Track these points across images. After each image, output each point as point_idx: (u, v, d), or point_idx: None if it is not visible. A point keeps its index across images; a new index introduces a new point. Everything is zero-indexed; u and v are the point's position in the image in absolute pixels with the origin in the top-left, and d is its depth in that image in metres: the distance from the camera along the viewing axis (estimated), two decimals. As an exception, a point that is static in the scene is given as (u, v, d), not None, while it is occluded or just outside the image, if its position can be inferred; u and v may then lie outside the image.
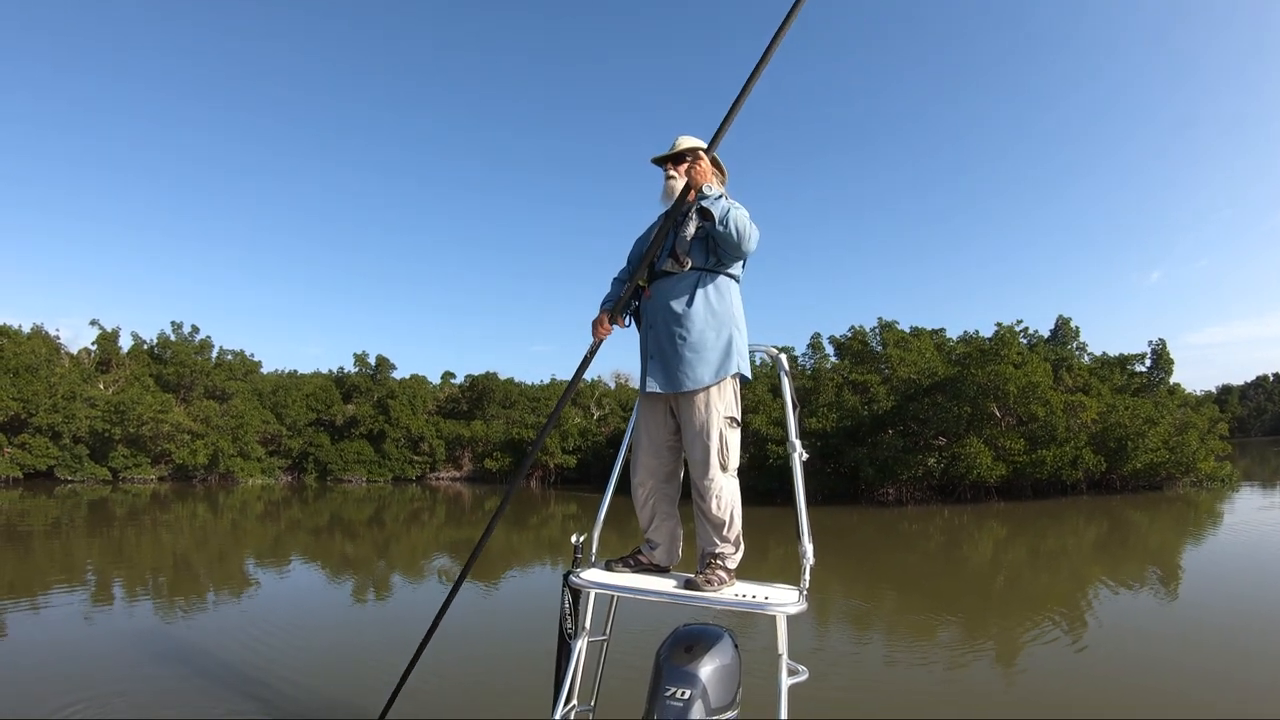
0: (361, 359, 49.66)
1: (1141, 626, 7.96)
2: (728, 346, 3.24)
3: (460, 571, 3.90)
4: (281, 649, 7.13)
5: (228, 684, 5.91)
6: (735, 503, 3.24)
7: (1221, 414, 37.45)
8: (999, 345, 26.28)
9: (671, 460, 3.42)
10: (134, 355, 44.07)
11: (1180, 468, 25.35)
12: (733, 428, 3.24)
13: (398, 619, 8.88)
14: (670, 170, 3.44)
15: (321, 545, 16.44)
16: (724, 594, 2.97)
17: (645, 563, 3.43)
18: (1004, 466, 24.05)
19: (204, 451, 38.34)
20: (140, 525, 19.42)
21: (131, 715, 5.21)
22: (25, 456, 35.80)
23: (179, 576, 11.68)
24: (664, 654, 2.84)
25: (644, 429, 3.42)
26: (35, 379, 36.85)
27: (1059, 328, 33.48)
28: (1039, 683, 6.11)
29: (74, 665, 6.45)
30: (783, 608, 2.76)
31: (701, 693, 2.65)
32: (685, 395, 3.22)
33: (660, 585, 3.13)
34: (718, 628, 2.98)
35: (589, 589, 3.12)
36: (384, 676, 5.83)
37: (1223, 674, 6.17)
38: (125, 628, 8.04)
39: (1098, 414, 25.41)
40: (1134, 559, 12.88)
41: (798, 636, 7.58)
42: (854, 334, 32.73)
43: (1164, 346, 32.19)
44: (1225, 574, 10.95)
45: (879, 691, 6.08)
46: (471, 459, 47.20)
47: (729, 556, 3.21)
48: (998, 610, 9.34)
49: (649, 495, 3.42)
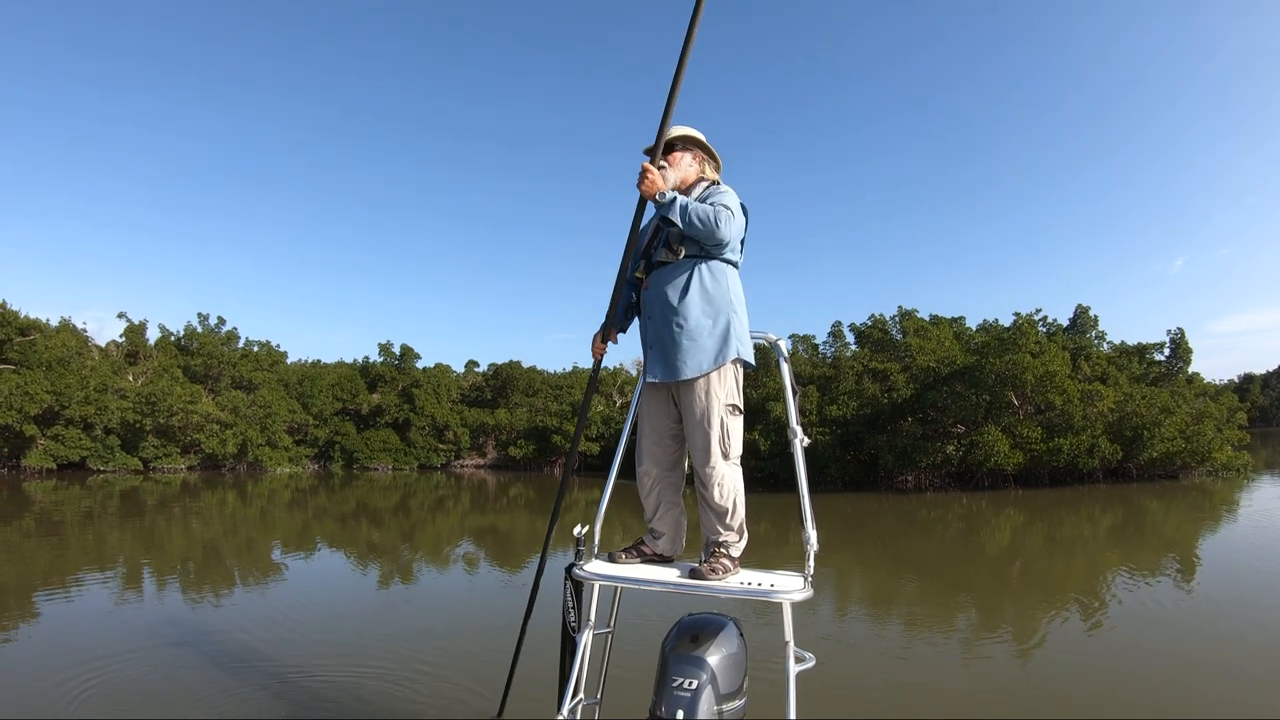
0: (386, 348, 50.29)
1: (1156, 614, 8.00)
2: (725, 332, 3.22)
3: (538, 565, 3.98)
4: (304, 638, 7.25)
5: (250, 676, 5.92)
6: (738, 490, 3.24)
7: (1241, 403, 37.32)
8: (1017, 335, 26.47)
9: (675, 449, 3.42)
10: (161, 347, 44.85)
11: (1196, 457, 25.46)
12: (734, 415, 3.23)
13: (422, 606, 9.02)
14: (660, 160, 3.38)
15: (348, 532, 16.78)
16: (729, 583, 2.97)
17: (649, 553, 3.43)
18: (1021, 455, 24.28)
19: (233, 441, 39.12)
20: (170, 514, 19.91)
21: (148, 708, 5.24)
22: (58, 448, 36.64)
23: (208, 564, 11.95)
24: (670, 644, 2.84)
25: (647, 418, 3.43)
26: (67, 372, 37.65)
27: (1078, 316, 33.45)
28: (1053, 670, 6.14)
29: (96, 652, 6.52)
30: (788, 595, 2.77)
31: (708, 682, 2.65)
32: (685, 383, 3.21)
33: (664, 575, 3.12)
34: (723, 617, 2.97)
35: (592, 581, 3.11)
36: (408, 667, 6.05)
37: (1234, 665, 6.17)
38: (154, 615, 8.17)
39: (1114, 403, 25.53)
40: (1149, 547, 13.04)
41: (815, 622, 7.94)
42: (874, 322, 32.96)
43: (1182, 336, 32.10)
44: (1239, 563, 11.03)
45: (893, 679, 6.09)
46: (495, 446, 47.82)
47: (733, 545, 3.22)
48: (1014, 596, 9.46)
49: (654, 484, 3.43)
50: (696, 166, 3.50)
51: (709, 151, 3.55)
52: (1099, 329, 32.89)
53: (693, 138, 3.50)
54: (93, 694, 5.51)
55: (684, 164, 3.46)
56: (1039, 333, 28.58)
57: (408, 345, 50.02)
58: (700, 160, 3.53)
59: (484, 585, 10.67)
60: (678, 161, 3.44)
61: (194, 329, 45.58)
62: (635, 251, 3.50)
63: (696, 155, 3.51)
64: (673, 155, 3.44)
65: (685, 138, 3.48)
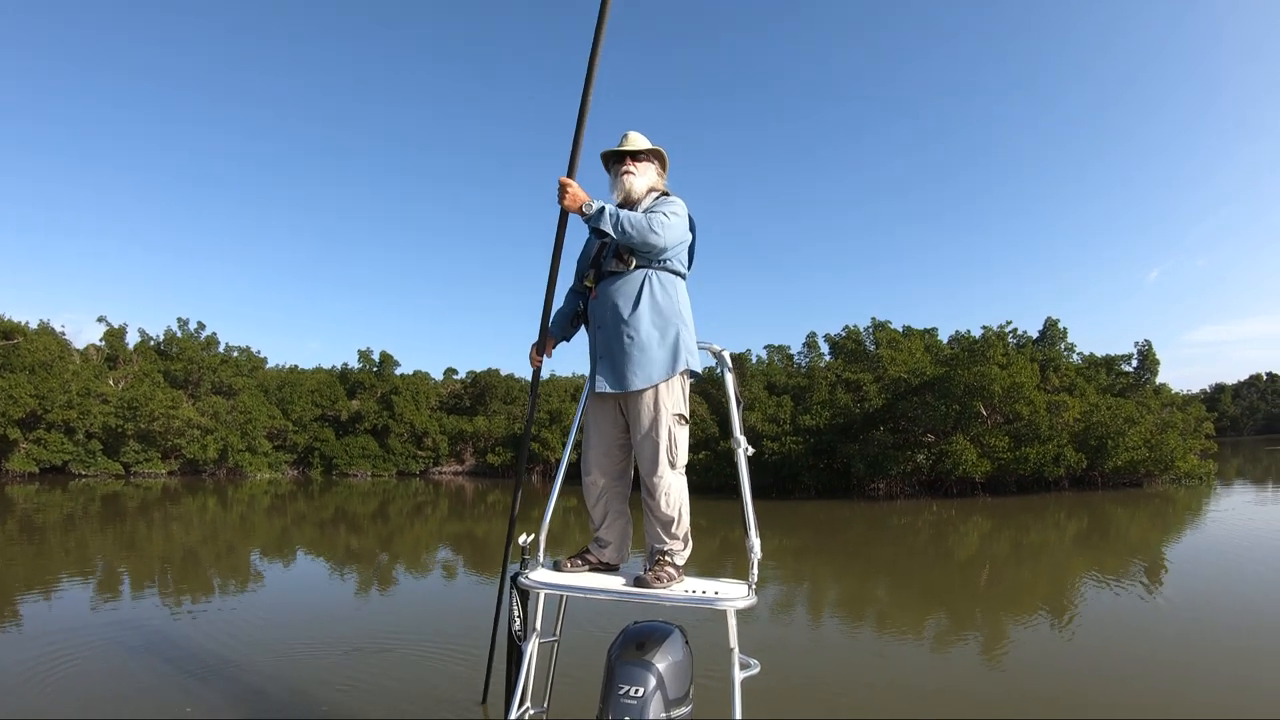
0: (365, 355, 50.58)
1: (1119, 616, 8.13)
2: (675, 344, 3.24)
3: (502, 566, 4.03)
4: (281, 639, 7.26)
5: (221, 679, 5.79)
6: (683, 500, 3.28)
7: (1209, 413, 38.18)
8: (985, 347, 27.13)
9: (622, 458, 3.44)
10: (141, 351, 44.83)
11: (1159, 465, 26.11)
12: (681, 425, 3.26)
13: (397, 612, 8.99)
14: (629, 165, 3.47)
15: (326, 539, 16.80)
16: (673, 590, 3.00)
17: (595, 561, 3.43)
18: (989, 463, 24.87)
19: (214, 446, 39.26)
20: (150, 519, 19.91)
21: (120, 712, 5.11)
22: (41, 452, 36.71)
23: (187, 569, 11.91)
24: (615, 652, 2.84)
25: (594, 427, 3.44)
26: (50, 376, 37.66)
27: (1047, 329, 34.22)
28: (1020, 670, 6.25)
29: (73, 659, 6.32)
30: (732, 602, 2.81)
31: (654, 690, 2.67)
32: (634, 393, 3.21)
33: (610, 583, 3.14)
34: (668, 625, 2.99)
35: (537, 589, 3.11)
36: (379, 670, 5.98)
37: (1190, 663, 6.29)
38: (129, 620, 8.00)
39: (1080, 413, 26.19)
40: (1113, 552, 13.31)
41: (776, 628, 8.14)
42: (848, 333, 33.68)
43: (1150, 347, 32.91)
44: (1202, 566, 11.30)
45: (865, 679, 6.11)
46: (474, 454, 48.16)
47: (678, 553, 3.25)
48: (982, 600, 9.66)
49: (601, 493, 3.45)
50: (656, 177, 3.56)
51: (660, 157, 3.61)
52: (1068, 341, 33.68)
53: (657, 150, 3.57)
54: (49, 688, 5.51)
55: (649, 173, 3.51)
56: (1008, 345, 29.26)
57: (387, 352, 50.47)
58: (658, 171, 3.58)
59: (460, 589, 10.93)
60: (644, 170, 3.50)
61: (174, 334, 45.57)
62: (584, 259, 3.58)
63: (655, 166, 3.57)
64: (639, 163, 3.49)
65: (651, 150, 3.54)
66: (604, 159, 3.59)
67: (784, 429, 28.70)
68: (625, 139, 3.52)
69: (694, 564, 3.29)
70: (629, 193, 3.45)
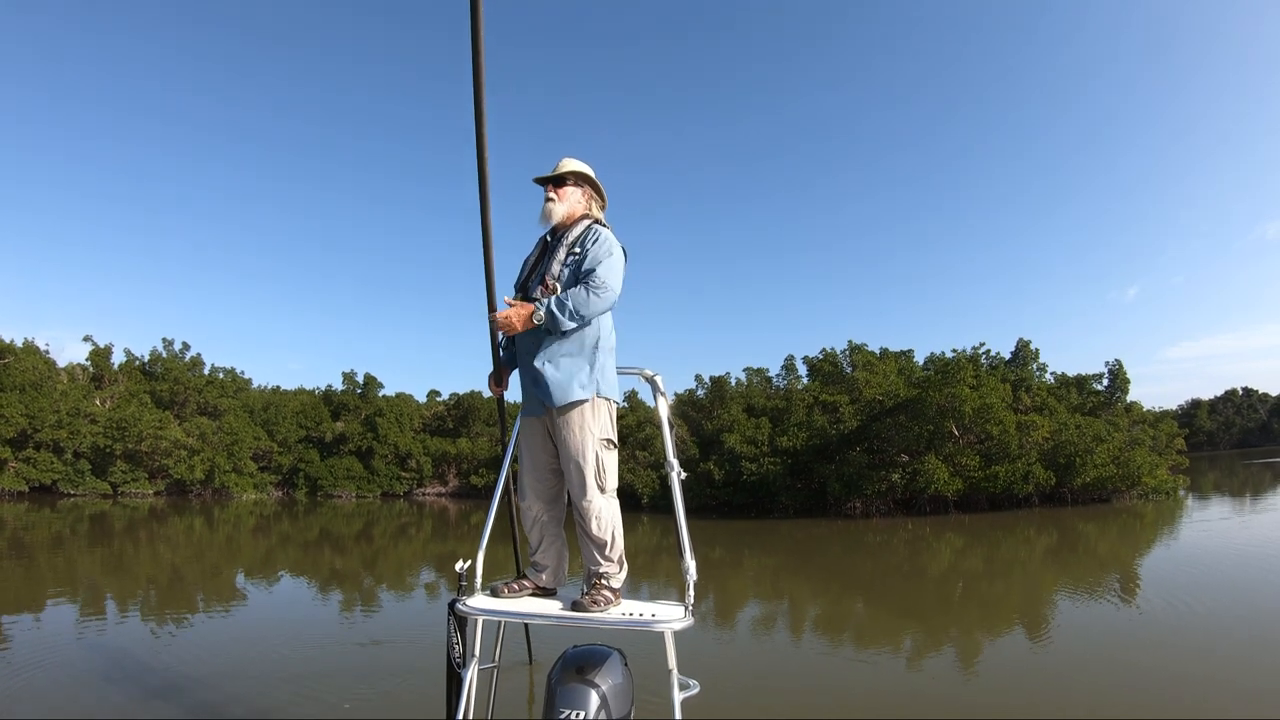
0: (349, 377, 50.76)
1: (1089, 624, 8.56)
2: (596, 368, 3.27)
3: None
4: (264, 655, 7.46)
5: (191, 700, 5.90)
6: (616, 523, 3.29)
7: (1181, 429, 39.07)
8: (955, 369, 27.88)
9: (555, 483, 3.43)
10: (127, 371, 44.97)
11: (1127, 482, 26.82)
12: (609, 449, 3.26)
13: (381, 634, 8.96)
14: (550, 192, 3.41)
15: (311, 559, 17.03)
16: (610, 614, 3.00)
17: (532, 586, 3.42)
18: (960, 481, 25.57)
19: (200, 467, 39.37)
20: (137, 539, 20.12)
21: None
22: (30, 471, 36.80)
23: (174, 590, 12.08)
24: (555, 677, 2.85)
25: (526, 452, 3.44)
26: (40, 395, 37.86)
27: (1019, 350, 35.03)
28: (993, 676, 6.51)
29: (60, 679, 6.42)
30: (668, 624, 2.83)
31: (594, 713, 2.68)
32: (560, 417, 3.22)
33: (547, 608, 3.14)
34: (607, 648, 3.00)
35: (475, 615, 3.08)
36: (355, 689, 6.16)
37: (1162, 667, 6.64)
38: (115, 642, 8.05)
39: (1049, 432, 26.97)
40: (1082, 565, 13.82)
41: (768, 642, 8.41)
42: (825, 356, 34.38)
43: (1120, 366, 33.74)
44: (1165, 577, 11.72)
45: (825, 696, 6.19)
46: (457, 475, 48.33)
47: (613, 576, 3.24)
48: (955, 613, 10.05)
49: (536, 518, 3.45)
50: (584, 203, 3.50)
51: (597, 189, 3.56)
52: (1039, 361, 34.52)
53: (584, 174, 3.51)
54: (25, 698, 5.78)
55: (573, 199, 3.45)
56: (979, 366, 30.00)
57: (371, 374, 50.67)
58: (588, 197, 3.52)
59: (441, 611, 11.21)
60: (566, 196, 3.44)
61: (159, 354, 45.73)
62: (515, 284, 3.53)
63: (585, 191, 3.51)
64: (563, 190, 3.44)
65: (576, 173, 3.48)
66: (538, 182, 3.54)
67: (762, 450, 29.27)
68: (558, 165, 3.50)
69: (670, 584, 3.32)
70: (549, 218, 3.42)
